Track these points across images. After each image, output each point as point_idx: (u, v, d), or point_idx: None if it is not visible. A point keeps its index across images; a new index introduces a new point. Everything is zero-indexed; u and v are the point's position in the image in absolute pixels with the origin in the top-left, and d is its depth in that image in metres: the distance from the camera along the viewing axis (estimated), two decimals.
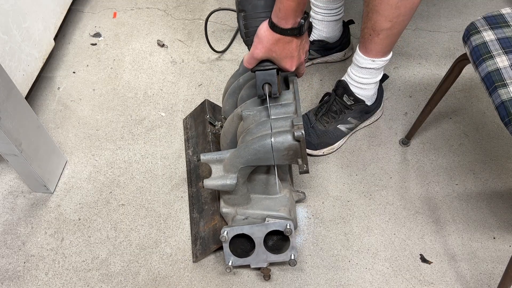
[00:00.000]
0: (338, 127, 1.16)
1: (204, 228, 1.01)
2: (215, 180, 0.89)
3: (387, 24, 0.96)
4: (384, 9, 0.93)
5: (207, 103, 1.19)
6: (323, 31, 1.30)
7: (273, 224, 0.90)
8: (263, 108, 0.88)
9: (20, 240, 1.05)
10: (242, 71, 0.99)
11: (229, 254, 0.92)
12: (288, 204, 0.95)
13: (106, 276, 0.99)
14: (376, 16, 0.96)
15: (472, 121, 1.24)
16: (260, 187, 0.95)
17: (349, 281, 0.98)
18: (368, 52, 1.04)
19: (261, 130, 0.84)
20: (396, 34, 0.99)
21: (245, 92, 0.94)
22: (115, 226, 1.07)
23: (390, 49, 1.04)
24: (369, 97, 1.15)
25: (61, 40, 1.46)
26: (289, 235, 0.90)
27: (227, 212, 0.96)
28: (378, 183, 1.13)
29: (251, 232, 0.90)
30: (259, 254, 0.92)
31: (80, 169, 1.17)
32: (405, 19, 0.96)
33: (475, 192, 1.11)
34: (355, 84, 1.12)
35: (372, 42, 1.01)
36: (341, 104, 1.14)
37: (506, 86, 0.77)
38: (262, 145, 0.82)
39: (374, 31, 0.99)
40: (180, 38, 1.46)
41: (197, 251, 1.00)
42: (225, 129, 0.96)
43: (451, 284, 0.97)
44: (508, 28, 0.84)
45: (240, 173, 0.88)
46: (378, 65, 1.06)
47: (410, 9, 0.93)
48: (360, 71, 1.08)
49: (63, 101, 1.31)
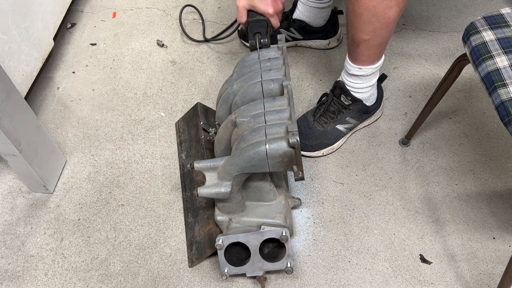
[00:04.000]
0: (336, 127, 1.15)
1: (200, 232, 1.00)
2: (209, 188, 0.88)
3: (364, 36, 0.95)
4: (358, 23, 0.93)
5: (199, 106, 1.18)
6: (304, 14, 1.31)
7: (268, 232, 0.88)
8: (258, 114, 0.86)
9: (19, 240, 1.05)
10: (235, 77, 0.97)
11: (224, 263, 0.91)
12: (283, 210, 0.94)
13: (105, 277, 0.99)
14: (352, 29, 0.96)
15: (472, 121, 1.24)
16: (255, 194, 0.94)
17: (349, 282, 0.98)
18: (354, 60, 1.03)
19: (256, 136, 0.83)
20: (377, 45, 0.98)
21: (239, 98, 0.92)
22: (114, 227, 1.07)
23: (376, 58, 1.03)
24: (366, 98, 1.14)
25: (60, 40, 1.46)
26: (285, 243, 0.89)
27: (222, 220, 0.95)
28: (378, 183, 1.13)
29: (246, 240, 0.89)
30: (255, 262, 0.91)
31: (80, 169, 1.17)
32: (384, 32, 0.94)
33: (475, 192, 1.11)
34: (350, 88, 1.11)
35: (354, 51, 1.01)
36: (339, 104, 1.14)
37: (506, 86, 0.77)
38: (257, 152, 0.80)
39: (354, 42, 0.98)
40: (179, 38, 1.46)
41: (193, 256, 1.00)
42: (219, 135, 0.94)
43: (451, 284, 0.97)
44: (508, 28, 0.83)
45: (234, 180, 0.86)
46: (366, 72, 1.05)
47: (386, 23, 0.92)
48: (351, 77, 1.08)
49: (62, 101, 1.31)
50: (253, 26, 0.97)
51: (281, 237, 0.88)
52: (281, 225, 0.91)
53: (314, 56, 1.40)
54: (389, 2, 0.87)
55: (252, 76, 0.93)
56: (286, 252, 0.90)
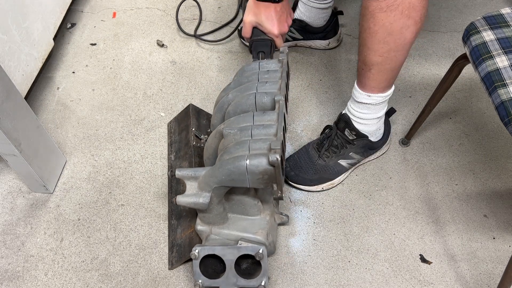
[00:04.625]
0: (339, 162, 1.09)
1: (181, 235, 1.00)
2: (188, 197, 0.86)
3: (378, 58, 0.91)
4: (372, 43, 0.89)
5: (191, 108, 1.17)
6: (305, 14, 1.31)
7: (245, 248, 0.86)
8: (245, 127, 0.84)
9: (19, 240, 1.05)
10: (233, 86, 0.96)
11: (199, 274, 0.89)
12: (266, 227, 0.92)
13: (105, 277, 0.99)
14: (365, 50, 0.91)
15: (472, 121, 1.24)
16: (238, 207, 0.92)
17: (349, 281, 0.98)
18: (363, 87, 0.98)
19: (239, 150, 0.80)
20: (389, 70, 0.93)
21: (232, 108, 0.91)
22: (114, 227, 1.07)
23: (387, 85, 0.98)
24: (372, 132, 1.08)
25: (60, 40, 1.46)
26: (261, 260, 0.87)
27: (202, 230, 0.93)
28: (378, 183, 1.13)
29: (222, 253, 0.87)
30: (229, 277, 0.89)
31: (80, 169, 1.17)
32: (398, 55, 0.90)
33: (475, 192, 1.11)
34: (356, 119, 1.06)
35: (365, 76, 0.96)
36: (342, 138, 1.08)
37: (506, 86, 0.77)
38: (237, 167, 0.78)
39: (365, 65, 0.93)
40: (179, 38, 1.46)
41: (173, 258, 0.99)
42: (207, 144, 0.93)
43: (451, 284, 0.97)
44: (508, 28, 0.83)
45: (214, 192, 0.84)
46: (375, 100, 0.99)
47: (402, 44, 0.88)
48: (358, 105, 1.03)
49: (62, 101, 1.31)
50: (257, 44, 0.99)
51: (257, 254, 0.86)
52: (260, 242, 0.89)
53: (314, 56, 1.40)
54: (406, 21, 0.84)
55: (248, 87, 0.91)
56: (262, 269, 0.88)
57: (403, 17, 0.83)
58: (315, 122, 1.24)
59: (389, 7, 0.82)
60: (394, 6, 0.82)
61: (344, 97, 1.30)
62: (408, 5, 0.82)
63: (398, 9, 0.82)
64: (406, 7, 0.82)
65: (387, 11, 0.83)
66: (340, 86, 1.32)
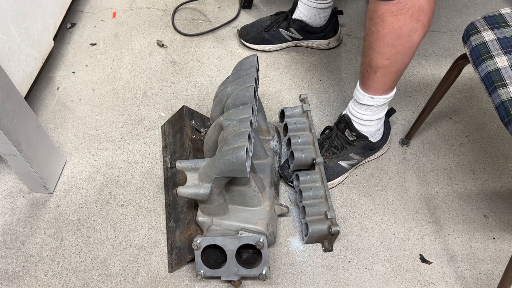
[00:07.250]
0: (339, 163, 1.10)
1: (180, 237, 1.00)
2: (189, 188, 0.88)
3: (384, 61, 0.91)
4: (379, 46, 0.88)
5: (185, 109, 1.17)
6: (304, 14, 1.31)
7: (245, 237, 0.88)
8: (244, 119, 0.86)
9: (19, 240, 1.05)
10: (231, 79, 0.97)
11: (201, 264, 0.90)
12: (266, 217, 0.93)
13: (105, 277, 0.99)
14: (372, 53, 0.91)
15: (472, 121, 1.24)
16: (239, 198, 0.94)
17: (349, 281, 0.98)
18: (366, 89, 0.98)
19: (238, 141, 0.82)
20: (395, 72, 0.93)
21: (231, 100, 0.93)
22: (114, 227, 1.07)
23: (390, 87, 0.98)
24: (372, 133, 1.08)
25: (60, 40, 1.46)
26: (261, 249, 0.88)
27: (203, 221, 0.94)
28: (378, 183, 1.13)
29: (223, 244, 0.89)
30: (231, 267, 0.90)
31: (80, 169, 1.17)
32: (404, 58, 0.90)
33: (475, 192, 1.11)
34: (356, 120, 1.06)
35: (369, 79, 0.96)
36: (342, 139, 1.09)
37: (506, 86, 0.77)
38: (236, 157, 0.80)
39: (371, 68, 0.93)
40: (179, 38, 1.46)
41: (173, 261, 0.99)
42: (207, 136, 0.94)
43: (451, 284, 0.97)
44: (508, 28, 0.83)
45: (214, 183, 0.86)
46: (378, 102, 1.00)
47: (409, 47, 0.88)
48: (360, 107, 1.03)
49: (62, 101, 1.31)
50: None
51: (257, 244, 0.87)
52: (260, 232, 0.90)
53: (314, 56, 1.40)
54: (415, 24, 0.84)
55: (246, 80, 0.93)
56: (263, 259, 0.89)
57: (412, 21, 0.83)
58: (315, 122, 1.24)
59: (400, 11, 0.82)
60: (405, 9, 0.82)
61: (344, 97, 1.30)
62: (418, 8, 0.82)
63: (408, 12, 0.82)
64: (416, 11, 0.82)
65: (397, 14, 0.82)
66: (340, 86, 1.32)
